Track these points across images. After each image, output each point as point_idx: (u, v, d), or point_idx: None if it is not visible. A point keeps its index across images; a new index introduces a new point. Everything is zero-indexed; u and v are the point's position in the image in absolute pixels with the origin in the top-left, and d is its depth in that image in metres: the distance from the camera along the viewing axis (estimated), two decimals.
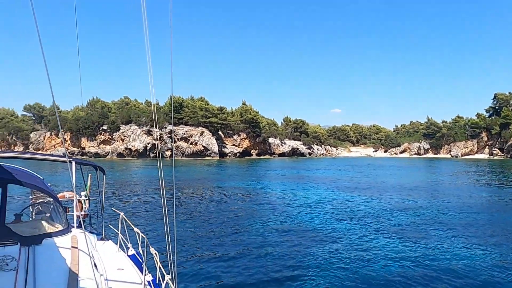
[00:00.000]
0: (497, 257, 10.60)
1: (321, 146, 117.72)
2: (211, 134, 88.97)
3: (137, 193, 23.99)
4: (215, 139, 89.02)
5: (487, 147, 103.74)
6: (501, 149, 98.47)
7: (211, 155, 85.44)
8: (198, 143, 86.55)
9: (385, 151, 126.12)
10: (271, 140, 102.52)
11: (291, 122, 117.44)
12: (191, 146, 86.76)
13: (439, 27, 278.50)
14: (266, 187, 28.53)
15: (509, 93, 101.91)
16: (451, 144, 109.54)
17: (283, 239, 12.37)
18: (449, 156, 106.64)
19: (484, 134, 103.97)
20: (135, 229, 5.66)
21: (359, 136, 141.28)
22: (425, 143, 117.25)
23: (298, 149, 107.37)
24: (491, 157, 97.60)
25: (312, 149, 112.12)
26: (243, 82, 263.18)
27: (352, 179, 35.35)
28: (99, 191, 6.97)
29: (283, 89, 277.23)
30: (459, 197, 23.06)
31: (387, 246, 11.64)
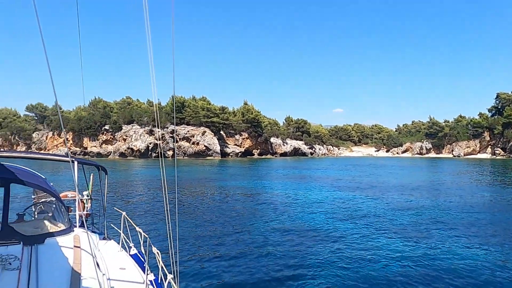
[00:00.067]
0: (499, 257, 10.58)
1: (323, 146, 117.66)
2: (213, 134, 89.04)
3: (139, 193, 24.04)
4: (217, 139, 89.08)
5: (490, 146, 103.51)
6: (503, 149, 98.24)
7: (213, 155, 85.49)
8: (200, 143, 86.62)
9: (387, 151, 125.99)
10: (272, 140, 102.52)
11: (293, 121, 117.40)
12: (193, 146, 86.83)
13: (440, 26, 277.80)
14: (267, 187, 28.53)
15: None
16: (453, 143, 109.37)
17: (284, 239, 12.38)
18: (451, 155, 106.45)
19: (486, 133, 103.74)
20: (137, 228, 5.67)
21: (361, 135, 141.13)
22: (427, 143, 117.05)
23: (300, 149, 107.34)
24: (494, 156, 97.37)
25: (314, 149, 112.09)
26: (245, 82, 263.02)
27: (353, 179, 35.31)
28: (101, 191, 6.98)
29: (285, 89, 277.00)
30: (461, 196, 23.01)
31: (389, 245, 11.63)
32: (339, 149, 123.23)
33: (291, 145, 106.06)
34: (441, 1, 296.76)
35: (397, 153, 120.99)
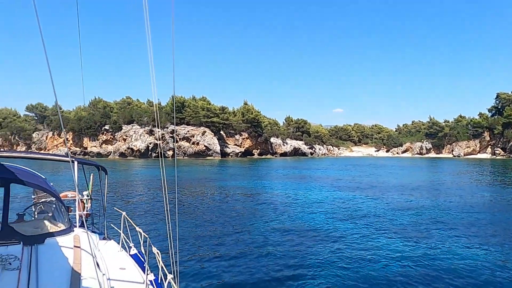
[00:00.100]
0: (499, 257, 10.58)
1: (323, 146, 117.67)
2: (213, 134, 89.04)
3: (139, 193, 24.04)
4: (217, 139, 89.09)
5: (490, 146, 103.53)
6: (503, 149, 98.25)
7: (213, 155, 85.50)
8: (200, 143, 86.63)
9: (387, 151, 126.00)
10: (272, 140, 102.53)
11: (293, 121, 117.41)
12: (193, 146, 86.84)
13: (440, 26, 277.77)
14: (267, 187, 28.53)
15: None
16: (453, 143, 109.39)
17: (284, 239, 12.38)
18: (451, 155, 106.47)
19: (486, 133, 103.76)
20: (137, 228, 5.67)
21: (361, 135, 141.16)
22: (427, 143, 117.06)
23: (300, 149, 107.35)
24: (494, 156, 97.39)
25: (314, 149, 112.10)
26: (245, 82, 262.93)
27: (353, 179, 35.32)
28: (101, 191, 6.98)
29: (285, 89, 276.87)
30: (461, 197, 23.02)
31: (389, 245, 11.63)
32: (339, 149, 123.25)
33: (291, 145, 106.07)
34: (441, 1, 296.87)
35: (397, 153, 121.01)
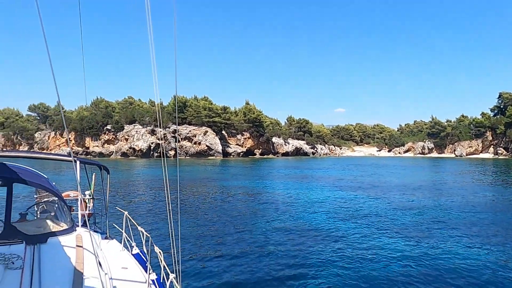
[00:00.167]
0: (501, 257, 10.56)
1: (324, 145, 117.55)
2: (214, 133, 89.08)
3: (141, 193, 24.08)
4: (219, 139, 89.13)
5: (492, 146, 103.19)
6: (506, 149, 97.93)
7: (215, 155, 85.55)
8: (201, 142, 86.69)
9: (389, 151, 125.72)
10: (274, 139, 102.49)
11: (294, 121, 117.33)
12: (194, 145, 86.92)
13: (442, 26, 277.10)
14: (269, 186, 28.54)
15: None
16: (456, 143, 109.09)
17: (286, 238, 12.39)
18: (453, 155, 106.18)
19: (489, 133, 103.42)
20: (139, 228, 5.69)
21: (363, 135, 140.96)
22: (429, 143, 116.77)
23: (301, 148, 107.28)
24: (496, 156, 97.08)
25: (315, 149, 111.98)
26: (247, 82, 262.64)
27: (355, 179, 35.28)
28: (103, 190, 7.00)
29: (287, 89, 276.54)
30: (463, 196, 22.97)
31: (390, 245, 11.62)
32: (341, 149, 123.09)
33: (293, 145, 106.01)
34: (441, 1, 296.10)
35: (399, 153, 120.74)
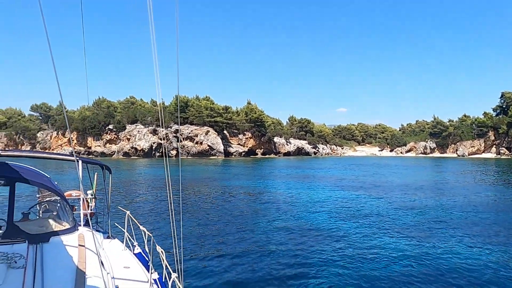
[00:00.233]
0: (502, 257, 10.55)
1: (326, 145, 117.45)
2: (216, 133, 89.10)
3: (142, 192, 24.11)
4: (220, 139, 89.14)
5: (494, 146, 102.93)
6: (508, 148, 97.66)
7: (216, 155, 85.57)
8: (203, 142, 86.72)
9: (391, 150, 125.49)
10: (276, 139, 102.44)
11: (296, 121, 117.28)
12: (196, 145, 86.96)
13: (445, 25, 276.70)
14: (271, 186, 28.54)
15: None
16: (458, 143, 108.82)
17: (287, 238, 12.39)
18: (455, 155, 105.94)
19: (491, 133, 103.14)
20: (141, 227, 5.70)
21: (365, 135, 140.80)
22: (431, 142, 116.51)
23: (303, 148, 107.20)
24: (498, 156, 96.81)
25: (317, 149, 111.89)
26: (248, 81, 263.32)
27: (357, 178, 35.25)
28: (105, 190, 7.01)
29: (288, 89, 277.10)
30: (465, 196, 22.92)
31: (392, 245, 11.62)
32: (342, 148, 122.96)
33: (294, 145, 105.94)
34: (441, 0, 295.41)
35: (401, 153, 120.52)
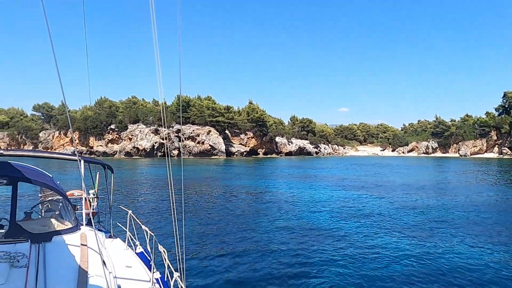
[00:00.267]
0: (504, 256, 10.53)
1: (328, 145, 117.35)
2: (218, 133, 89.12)
3: (144, 192, 24.15)
4: (222, 138, 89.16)
5: (497, 146, 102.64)
6: (511, 148, 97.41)
7: (218, 154, 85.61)
8: (205, 142, 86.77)
9: (393, 150, 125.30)
10: (278, 139, 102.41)
11: (298, 121, 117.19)
12: (198, 145, 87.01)
13: (447, 25, 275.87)
14: (272, 186, 28.54)
15: None
16: (460, 143, 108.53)
17: (289, 237, 12.40)
18: (457, 155, 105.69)
19: (493, 133, 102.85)
20: (143, 226, 5.71)
21: (367, 135, 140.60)
22: (433, 142, 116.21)
23: (305, 148, 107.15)
24: (501, 156, 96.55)
25: (319, 148, 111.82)
26: (250, 81, 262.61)
27: (358, 178, 35.21)
28: (108, 189, 7.02)
29: (290, 88, 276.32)
30: (467, 196, 22.87)
31: (393, 244, 11.61)
32: (344, 148, 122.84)
33: (296, 145, 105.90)
34: (441, 1, 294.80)
35: (403, 153, 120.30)
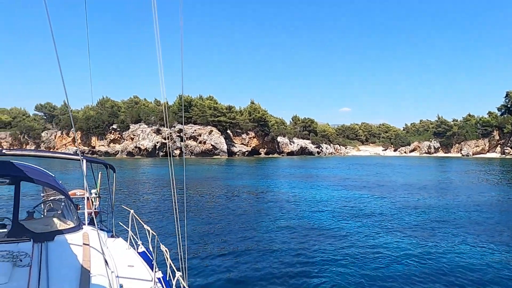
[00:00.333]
0: (506, 256, 10.50)
1: (330, 145, 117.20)
2: (219, 133, 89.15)
3: (146, 191, 24.19)
4: (224, 138, 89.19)
5: (499, 146, 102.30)
6: None
7: (220, 154, 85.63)
8: (206, 142, 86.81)
9: (395, 150, 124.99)
10: (279, 139, 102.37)
11: (299, 121, 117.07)
12: (200, 145, 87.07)
13: (448, 25, 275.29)
14: (274, 185, 28.54)
15: None
16: (462, 143, 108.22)
17: (290, 237, 12.40)
18: (459, 155, 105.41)
19: (495, 132, 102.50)
20: (145, 226, 5.71)
21: (368, 134, 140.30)
22: (435, 142, 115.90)
23: (306, 148, 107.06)
24: (503, 156, 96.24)
25: (320, 148, 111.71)
26: (251, 81, 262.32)
27: (360, 178, 35.17)
28: (110, 189, 7.03)
29: (292, 88, 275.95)
30: (469, 196, 22.82)
31: (395, 244, 11.59)
32: (346, 148, 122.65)
33: (298, 144, 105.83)
34: (441, 1, 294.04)
35: (405, 152, 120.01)
